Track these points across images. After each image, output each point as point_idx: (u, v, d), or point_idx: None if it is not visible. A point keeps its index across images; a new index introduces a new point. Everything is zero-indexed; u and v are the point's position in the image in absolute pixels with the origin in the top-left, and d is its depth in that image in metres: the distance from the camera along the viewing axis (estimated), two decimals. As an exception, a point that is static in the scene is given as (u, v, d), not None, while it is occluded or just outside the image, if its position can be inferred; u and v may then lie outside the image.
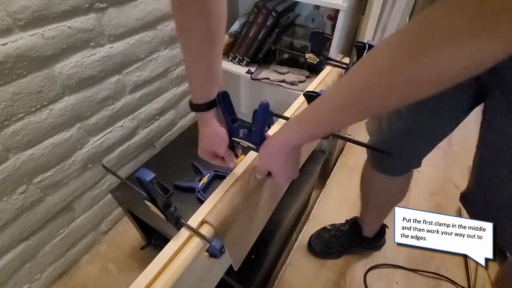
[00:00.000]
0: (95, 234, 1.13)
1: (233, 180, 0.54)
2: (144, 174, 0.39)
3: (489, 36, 0.22)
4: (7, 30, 0.64)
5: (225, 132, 0.51)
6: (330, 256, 1.07)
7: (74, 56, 0.79)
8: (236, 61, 1.22)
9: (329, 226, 1.10)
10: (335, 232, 1.07)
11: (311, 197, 1.28)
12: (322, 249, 1.07)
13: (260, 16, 1.10)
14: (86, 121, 0.90)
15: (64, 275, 1.06)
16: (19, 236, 0.85)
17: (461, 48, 0.23)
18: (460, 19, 0.22)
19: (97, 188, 1.05)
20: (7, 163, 0.74)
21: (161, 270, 0.42)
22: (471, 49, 0.23)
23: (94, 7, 0.78)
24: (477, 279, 1.00)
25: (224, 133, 0.51)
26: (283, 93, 1.12)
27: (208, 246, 0.45)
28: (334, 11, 1.10)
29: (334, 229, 1.08)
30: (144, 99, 1.08)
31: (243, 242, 0.63)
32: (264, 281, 0.93)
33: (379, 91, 0.30)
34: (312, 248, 1.08)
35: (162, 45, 1.05)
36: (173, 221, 0.46)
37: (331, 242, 1.06)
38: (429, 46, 0.24)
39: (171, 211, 0.45)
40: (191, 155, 0.99)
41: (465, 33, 0.23)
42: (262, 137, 0.48)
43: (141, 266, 1.08)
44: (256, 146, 0.49)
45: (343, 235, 1.06)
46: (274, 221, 0.82)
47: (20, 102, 0.71)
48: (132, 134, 1.10)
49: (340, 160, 1.46)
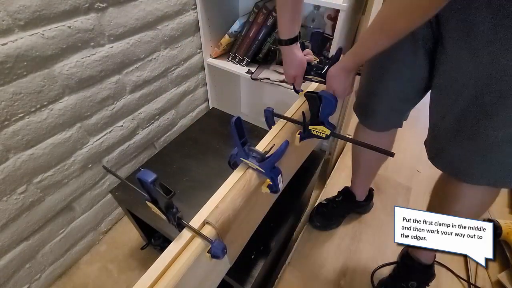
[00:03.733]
0: (95, 234, 1.13)
1: (235, 180, 0.54)
2: (146, 175, 0.39)
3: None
4: (7, 30, 0.64)
5: (305, 59, 0.71)
6: (331, 227, 1.16)
7: (74, 56, 0.79)
8: (236, 61, 1.22)
9: (324, 201, 1.18)
10: (332, 204, 1.15)
11: (311, 197, 1.28)
12: (323, 223, 1.15)
13: (260, 16, 1.10)
14: (86, 121, 0.90)
15: (64, 275, 1.06)
16: (19, 236, 0.85)
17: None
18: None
19: (97, 188, 1.05)
20: (7, 163, 0.74)
21: (164, 271, 0.42)
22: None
23: (94, 7, 0.78)
24: (477, 279, 1.01)
25: (304, 60, 0.71)
26: (283, 93, 1.12)
27: (210, 247, 0.45)
28: (334, 11, 1.10)
29: (330, 202, 1.16)
30: (144, 99, 1.08)
31: (240, 241, 0.64)
32: (264, 281, 0.93)
33: (395, 15, 0.48)
34: (314, 224, 1.16)
35: (162, 45, 1.05)
36: (174, 222, 0.46)
37: (330, 214, 1.15)
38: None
39: (172, 212, 0.45)
40: (191, 155, 0.99)
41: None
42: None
43: (141, 266, 1.08)
44: (323, 79, 0.70)
45: (339, 205, 1.15)
46: (274, 221, 0.82)
47: (20, 102, 0.71)
48: (132, 134, 1.10)
49: (340, 160, 1.46)
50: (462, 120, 0.59)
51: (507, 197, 1.29)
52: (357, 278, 1.03)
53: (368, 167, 1.04)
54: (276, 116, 0.65)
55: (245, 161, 0.55)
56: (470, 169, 0.63)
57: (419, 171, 1.40)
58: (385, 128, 0.87)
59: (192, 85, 1.31)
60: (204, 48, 1.22)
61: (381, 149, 0.53)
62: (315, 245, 1.12)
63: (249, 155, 0.54)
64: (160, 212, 0.45)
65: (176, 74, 1.18)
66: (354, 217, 1.20)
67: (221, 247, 0.44)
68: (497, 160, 0.58)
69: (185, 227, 0.47)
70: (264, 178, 0.56)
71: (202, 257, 0.46)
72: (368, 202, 1.19)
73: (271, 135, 0.64)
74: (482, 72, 0.52)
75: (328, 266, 1.06)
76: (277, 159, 0.52)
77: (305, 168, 0.96)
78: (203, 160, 0.97)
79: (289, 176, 0.78)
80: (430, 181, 1.38)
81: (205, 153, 1.00)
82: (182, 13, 1.07)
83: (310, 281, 1.02)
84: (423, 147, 0.75)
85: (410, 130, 1.49)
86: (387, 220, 1.21)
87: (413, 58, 0.67)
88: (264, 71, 1.17)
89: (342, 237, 1.14)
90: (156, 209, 0.45)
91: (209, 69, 1.30)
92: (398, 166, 1.42)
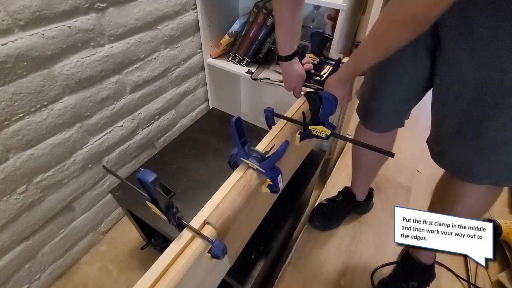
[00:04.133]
0: (95, 234, 1.13)
1: (235, 180, 0.54)
2: (146, 175, 0.39)
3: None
4: (7, 30, 0.63)
5: (303, 71, 0.74)
6: (331, 227, 1.16)
7: (74, 56, 0.79)
8: (236, 61, 1.22)
9: (324, 201, 1.18)
10: (332, 204, 1.15)
11: (311, 197, 1.28)
12: (323, 223, 1.15)
13: (260, 16, 1.10)
14: (86, 121, 0.90)
15: (64, 275, 1.06)
16: (19, 236, 0.85)
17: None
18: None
19: (97, 188, 1.05)
20: (7, 163, 0.74)
21: (165, 271, 0.42)
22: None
23: (94, 7, 0.78)
24: (477, 279, 1.01)
25: (303, 72, 0.74)
26: (283, 93, 1.12)
27: (210, 247, 0.45)
28: (334, 11, 1.10)
29: (330, 202, 1.16)
30: (144, 99, 1.08)
31: (240, 241, 0.64)
32: (264, 281, 0.93)
33: (390, 26, 0.48)
34: (314, 224, 1.16)
35: (162, 45, 1.05)
36: (175, 222, 0.46)
37: (330, 214, 1.15)
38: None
39: (172, 212, 0.45)
40: (191, 155, 0.99)
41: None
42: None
43: (141, 266, 1.08)
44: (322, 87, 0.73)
45: (339, 205, 1.15)
46: (274, 221, 0.82)
47: (20, 102, 0.71)
48: (132, 134, 1.10)
49: (340, 160, 1.46)
50: (464, 120, 0.59)
51: (507, 197, 1.29)
52: (357, 278, 1.03)
53: (369, 167, 1.04)
54: (276, 116, 0.65)
55: (245, 161, 0.55)
56: (472, 169, 0.63)
57: (419, 171, 1.40)
58: (387, 129, 0.87)
59: (192, 85, 1.31)
60: (204, 48, 1.22)
61: (381, 149, 0.53)
62: (315, 245, 1.12)
63: (249, 155, 0.54)
64: (160, 212, 0.45)
65: (176, 74, 1.18)
66: (354, 217, 1.20)
67: (221, 247, 0.44)
68: (499, 160, 0.58)
69: (185, 227, 0.47)
70: (264, 178, 0.56)
71: (203, 257, 0.46)
72: (368, 202, 1.19)
73: (271, 135, 0.64)
74: (482, 73, 0.52)
75: (328, 266, 1.06)
76: (277, 159, 0.52)
77: (305, 168, 0.96)
78: (203, 160, 0.97)
79: (288, 176, 0.78)
80: (430, 181, 1.38)
81: (205, 153, 1.00)
82: (182, 13, 1.07)
83: (310, 281, 1.02)
84: (423, 147, 0.75)
85: (410, 130, 1.49)
86: (387, 220, 1.21)
87: (414, 59, 0.67)
88: (264, 71, 1.17)
89: (342, 237, 1.14)
90: (156, 209, 0.45)
91: (209, 69, 1.30)
92: (398, 166, 1.42)
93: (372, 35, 0.52)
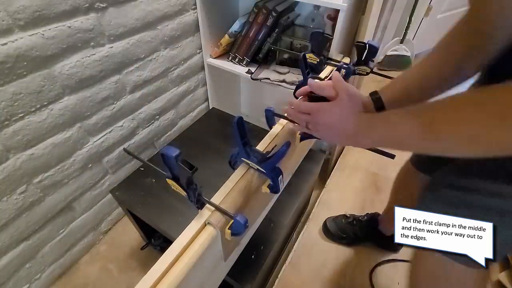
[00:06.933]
0: (95, 234, 1.13)
1: (236, 180, 0.54)
2: (169, 151, 0.39)
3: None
4: (7, 30, 0.63)
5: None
6: (341, 241, 1.12)
7: (74, 56, 0.79)
8: (236, 61, 1.22)
9: (348, 214, 1.16)
10: (353, 220, 1.12)
11: (311, 197, 1.28)
12: (336, 231, 1.12)
13: (260, 16, 1.10)
14: (86, 121, 0.90)
15: (64, 275, 1.06)
16: (19, 236, 0.85)
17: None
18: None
19: (97, 188, 1.05)
20: (7, 163, 0.74)
21: (185, 248, 0.43)
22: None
23: (94, 7, 0.78)
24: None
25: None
26: (283, 93, 1.12)
27: (231, 223, 0.45)
28: (334, 11, 1.10)
29: (353, 218, 1.13)
30: (144, 99, 1.08)
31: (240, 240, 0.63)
32: (264, 281, 0.93)
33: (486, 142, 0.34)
34: (326, 229, 1.13)
35: (162, 45, 1.05)
36: (194, 198, 0.45)
37: (346, 227, 1.12)
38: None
39: (193, 188, 0.45)
40: (191, 155, 0.99)
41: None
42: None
43: (141, 266, 1.08)
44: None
45: (359, 224, 1.11)
46: (274, 221, 0.82)
47: (20, 102, 0.71)
48: (132, 134, 1.10)
49: (340, 160, 1.46)
50: None
51: (507, 197, 1.29)
52: (357, 278, 1.03)
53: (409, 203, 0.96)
54: (277, 116, 0.65)
55: (246, 161, 0.55)
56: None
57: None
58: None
59: (192, 85, 1.31)
60: (204, 48, 1.22)
61: (382, 151, 0.53)
62: (315, 245, 1.12)
63: (250, 155, 0.54)
64: (181, 189, 0.45)
65: (176, 74, 1.18)
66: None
67: (244, 220, 0.44)
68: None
69: (205, 204, 0.47)
70: (265, 178, 0.56)
71: (213, 246, 0.47)
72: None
73: (271, 135, 0.64)
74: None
75: (328, 266, 1.06)
76: (279, 160, 0.52)
77: (305, 168, 0.96)
78: (203, 160, 0.97)
79: (288, 175, 0.78)
80: (430, 181, 1.38)
81: (205, 153, 1.00)
82: (182, 13, 1.07)
83: (310, 281, 1.02)
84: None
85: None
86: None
87: None
88: (264, 71, 1.17)
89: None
90: (176, 186, 0.45)
91: (209, 69, 1.30)
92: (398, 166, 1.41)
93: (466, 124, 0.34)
